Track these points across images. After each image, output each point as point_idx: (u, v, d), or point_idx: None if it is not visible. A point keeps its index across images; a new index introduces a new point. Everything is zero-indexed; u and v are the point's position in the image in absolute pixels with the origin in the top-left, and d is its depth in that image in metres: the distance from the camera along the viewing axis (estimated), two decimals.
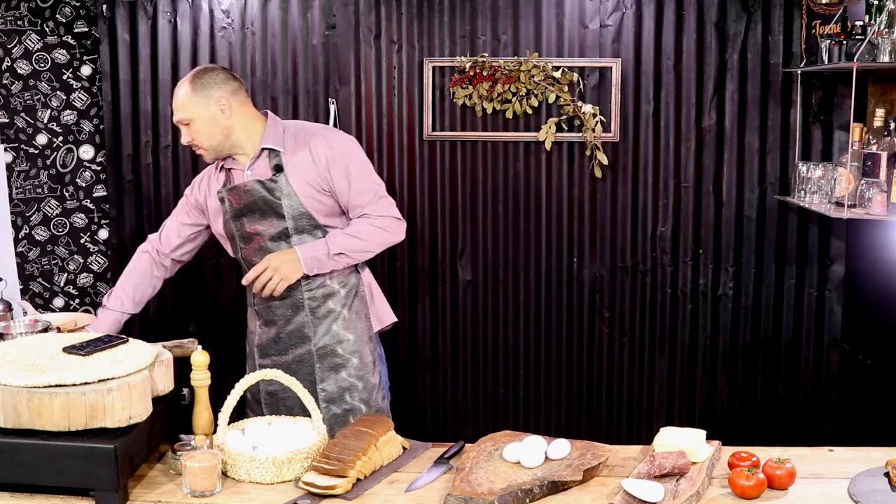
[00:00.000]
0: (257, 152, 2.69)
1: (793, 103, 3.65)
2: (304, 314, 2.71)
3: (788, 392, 3.85)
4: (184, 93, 2.63)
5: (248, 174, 2.71)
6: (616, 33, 3.67)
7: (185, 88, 2.64)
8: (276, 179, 2.65)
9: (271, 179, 2.65)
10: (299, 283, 2.68)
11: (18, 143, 3.80)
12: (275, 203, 2.66)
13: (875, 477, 1.91)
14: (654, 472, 1.88)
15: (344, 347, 2.73)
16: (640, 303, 3.84)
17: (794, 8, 3.59)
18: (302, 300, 2.71)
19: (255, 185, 2.66)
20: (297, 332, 2.73)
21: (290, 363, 2.73)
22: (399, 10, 3.70)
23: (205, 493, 1.86)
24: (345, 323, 2.73)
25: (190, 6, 3.72)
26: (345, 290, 2.74)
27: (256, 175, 2.70)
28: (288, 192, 2.65)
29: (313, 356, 2.73)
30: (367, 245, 2.69)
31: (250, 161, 2.71)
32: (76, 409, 1.77)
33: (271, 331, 2.76)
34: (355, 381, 2.73)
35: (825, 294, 3.78)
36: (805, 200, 3.33)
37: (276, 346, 2.76)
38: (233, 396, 2.02)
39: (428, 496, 1.89)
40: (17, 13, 3.74)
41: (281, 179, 2.65)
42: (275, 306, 2.73)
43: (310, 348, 2.73)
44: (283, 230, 2.67)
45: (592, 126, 3.65)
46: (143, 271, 2.92)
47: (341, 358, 2.73)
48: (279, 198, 2.65)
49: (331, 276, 2.71)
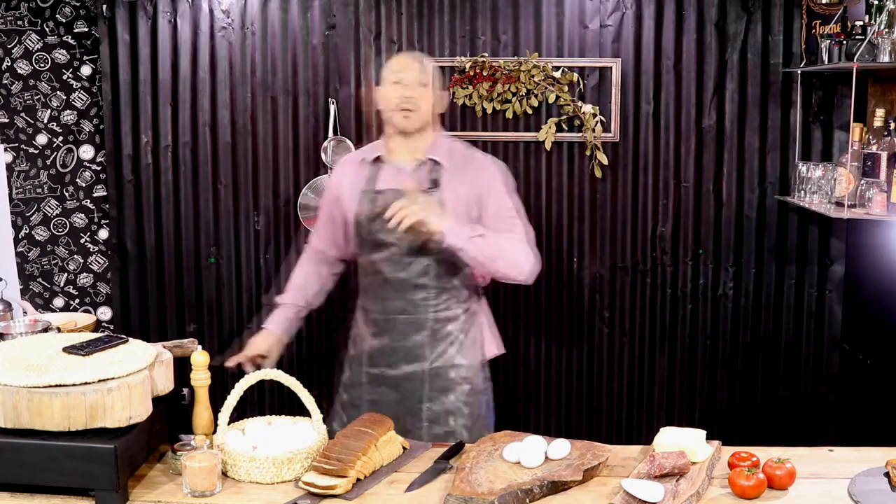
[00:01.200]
0: (423, 160, 2.57)
1: (793, 103, 3.65)
2: (424, 334, 2.59)
3: (788, 392, 3.85)
4: (426, 63, 2.58)
5: (404, 179, 2.55)
6: (616, 33, 3.67)
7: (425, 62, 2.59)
8: (431, 193, 2.51)
9: (426, 192, 2.51)
10: (427, 303, 2.57)
11: (18, 143, 3.81)
12: None
13: (875, 477, 1.91)
14: (654, 472, 1.88)
15: (457, 372, 2.61)
16: (640, 303, 3.84)
17: (794, 8, 3.59)
18: (426, 320, 2.58)
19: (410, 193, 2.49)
20: (413, 351, 2.60)
21: (399, 378, 2.61)
22: (399, 10, 3.70)
23: (205, 493, 1.86)
24: (460, 348, 2.62)
25: (190, 6, 3.72)
26: (465, 315, 2.64)
27: (410, 183, 2.52)
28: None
29: (425, 375, 2.60)
30: (505, 251, 2.50)
31: (413, 166, 2.57)
32: (76, 409, 1.77)
33: (385, 341, 2.62)
34: (462, 405, 2.62)
35: (825, 294, 3.78)
36: (805, 200, 3.33)
37: (388, 359, 2.62)
38: (233, 396, 2.02)
39: (428, 496, 1.89)
40: (17, 13, 3.74)
41: (435, 195, 2.51)
42: (396, 320, 2.60)
43: (423, 367, 2.60)
44: (423, 244, 2.50)
45: (592, 126, 3.65)
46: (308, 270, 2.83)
47: (452, 382, 2.61)
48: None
49: (457, 300, 2.61)
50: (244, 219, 3.85)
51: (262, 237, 3.86)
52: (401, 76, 2.54)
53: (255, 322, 3.91)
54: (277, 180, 3.82)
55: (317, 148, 3.78)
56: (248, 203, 3.84)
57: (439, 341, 2.60)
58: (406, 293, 2.57)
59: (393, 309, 2.59)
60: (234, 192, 3.84)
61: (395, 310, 2.59)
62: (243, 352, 2.68)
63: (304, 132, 3.79)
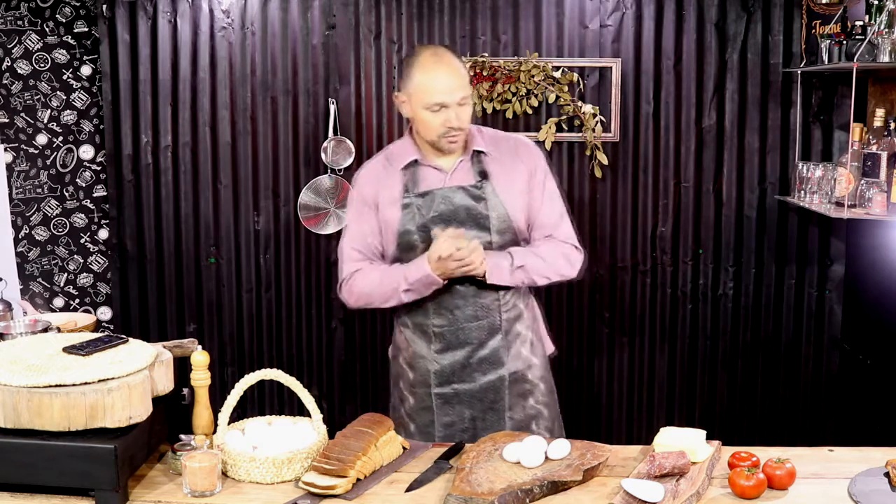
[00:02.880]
0: (467, 155, 2.42)
1: (793, 103, 3.65)
2: (500, 337, 2.44)
3: (788, 392, 3.85)
4: (459, 65, 2.35)
5: (449, 178, 2.41)
6: (616, 33, 3.67)
7: (456, 60, 2.35)
8: (481, 186, 2.39)
9: (476, 186, 2.39)
10: (498, 303, 2.43)
11: (18, 143, 3.80)
12: (480, 213, 2.38)
13: (875, 477, 1.91)
14: (654, 472, 1.88)
15: (532, 373, 2.50)
16: (640, 303, 3.84)
17: (794, 8, 3.60)
18: (499, 322, 2.44)
19: (457, 192, 2.38)
20: (491, 357, 2.45)
21: (475, 391, 2.45)
22: (399, 10, 3.70)
23: (205, 493, 1.86)
24: (531, 347, 2.51)
25: (190, 6, 3.72)
26: (528, 312, 2.52)
27: (456, 181, 2.40)
28: (495, 203, 2.38)
29: (505, 382, 2.45)
30: (547, 270, 2.42)
31: (455, 164, 2.41)
32: (76, 409, 1.77)
33: (458, 356, 2.44)
34: (542, 408, 2.51)
35: (825, 294, 3.78)
36: (805, 200, 3.33)
37: (463, 373, 2.45)
38: (233, 396, 2.02)
39: (428, 496, 1.89)
40: (17, 13, 3.74)
41: (486, 187, 2.39)
42: (470, 328, 2.43)
43: (502, 374, 2.45)
44: (486, 244, 2.37)
45: (592, 126, 3.65)
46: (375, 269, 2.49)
47: (530, 384, 2.49)
48: (486, 207, 2.38)
49: (517, 296, 2.47)
50: (244, 219, 3.85)
51: (262, 237, 3.86)
52: (444, 99, 2.31)
53: (255, 322, 3.92)
54: (277, 180, 3.82)
55: (317, 148, 3.78)
56: (248, 203, 3.84)
57: (513, 343, 2.47)
58: (477, 297, 2.41)
59: (463, 317, 2.42)
60: (234, 192, 3.84)
61: (466, 317, 2.42)
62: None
63: (304, 132, 3.79)
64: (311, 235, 3.84)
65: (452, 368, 2.45)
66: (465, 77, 2.35)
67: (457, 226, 2.35)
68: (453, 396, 2.46)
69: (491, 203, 2.38)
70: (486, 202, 2.38)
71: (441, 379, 2.46)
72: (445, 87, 2.30)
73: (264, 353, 3.92)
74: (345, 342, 3.91)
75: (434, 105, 2.31)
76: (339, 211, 3.80)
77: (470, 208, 2.37)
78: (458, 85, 2.31)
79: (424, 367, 2.47)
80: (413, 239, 2.39)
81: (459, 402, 2.46)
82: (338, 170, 3.78)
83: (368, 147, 3.77)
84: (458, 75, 2.33)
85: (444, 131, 2.34)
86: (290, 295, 3.89)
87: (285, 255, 3.87)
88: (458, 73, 2.33)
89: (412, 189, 2.41)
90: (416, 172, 2.43)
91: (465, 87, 2.33)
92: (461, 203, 2.38)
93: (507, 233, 2.40)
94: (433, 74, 2.31)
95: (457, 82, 2.31)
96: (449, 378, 2.46)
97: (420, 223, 2.38)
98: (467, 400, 2.46)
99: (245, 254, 3.88)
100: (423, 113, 2.34)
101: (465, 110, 2.34)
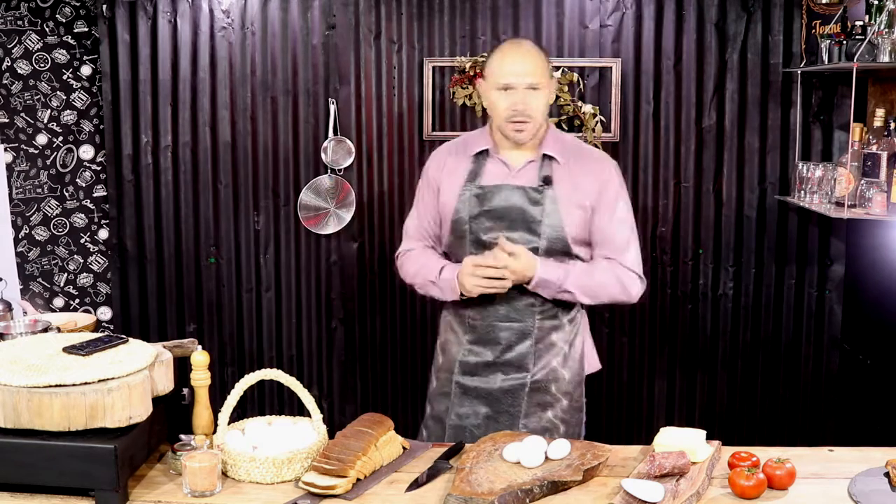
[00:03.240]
0: (537, 156, 2.40)
1: (793, 103, 3.65)
2: (529, 343, 2.42)
3: (788, 392, 3.85)
4: (537, 55, 2.35)
5: (513, 176, 2.41)
6: (616, 33, 3.67)
7: (535, 50, 2.36)
8: (542, 191, 2.36)
9: (536, 189, 2.36)
10: (533, 309, 2.41)
11: (18, 143, 3.81)
12: (533, 217, 2.36)
13: (875, 477, 1.91)
14: (654, 472, 1.88)
15: (558, 386, 2.45)
16: (639, 303, 3.82)
17: (794, 8, 3.60)
18: (532, 328, 2.42)
19: (516, 191, 2.37)
20: (517, 361, 2.43)
21: (494, 390, 2.44)
22: (399, 10, 3.70)
23: (205, 493, 1.86)
24: (564, 360, 2.46)
25: (190, 6, 3.72)
26: (570, 325, 2.47)
27: (519, 180, 2.39)
28: (551, 210, 2.35)
29: (525, 388, 2.43)
30: (598, 294, 2.40)
31: (523, 163, 2.40)
32: (76, 409, 1.77)
33: (486, 353, 2.45)
34: (559, 423, 2.46)
35: (825, 294, 3.78)
36: (805, 200, 3.33)
37: (486, 369, 2.45)
38: (233, 396, 2.02)
39: (428, 496, 1.89)
40: (17, 13, 3.74)
41: (547, 193, 2.36)
42: (500, 328, 2.42)
43: (524, 380, 2.43)
44: (534, 249, 2.36)
45: (592, 126, 3.65)
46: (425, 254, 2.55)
47: (552, 396, 2.45)
48: (541, 213, 2.35)
49: (563, 308, 2.44)
50: (244, 219, 3.85)
51: (262, 237, 3.86)
52: (511, 80, 2.31)
53: (255, 322, 3.92)
54: (277, 180, 3.82)
55: (317, 148, 3.78)
56: (248, 203, 3.84)
57: (543, 351, 2.44)
58: (511, 299, 2.40)
59: (496, 315, 2.42)
60: (234, 192, 3.84)
61: (499, 316, 2.42)
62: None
63: (304, 132, 3.79)
64: (311, 235, 3.84)
65: (477, 362, 2.45)
66: (542, 67, 2.35)
67: (508, 224, 2.36)
68: (472, 390, 2.46)
69: (547, 210, 2.35)
70: (543, 208, 2.35)
71: (465, 369, 2.47)
72: (514, 70, 2.31)
73: (264, 353, 3.93)
74: (345, 342, 3.91)
75: (502, 85, 2.33)
76: (339, 211, 3.80)
77: (525, 210, 2.36)
78: (528, 70, 2.31)
79: (452, 353, 2.49)
80: (463, 228, 2.40)
81: (477, 396, 2.46)
82: (338, 170, 3.78)
83: (368, 147, 3.77)
84: (532, 62, 2.33)
85: (510, 115, 2.33)
86: (290, 295, 3.90)
87: (285, 255, 3.87)
88: (532, 60, 2.33)
89: (476, 179, 2.42)
90: (484, 163, 2.43)
91: (537, 74, 2.32)
92: (517, 203, 2.36)
93: (558, 242, 2.37)
94: (506, 56, 2.35)
95: (528, 67, 2.32)
96: (472, 370, 2.46)
97: (473, 214, 2.39)
98: (485, 396, 2.45)
99: (245, 254, 3.88)
100: (493, 94, 2.36)
101: (534, 97, 2.32)
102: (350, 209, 3.80)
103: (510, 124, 2.35)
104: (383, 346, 3.91)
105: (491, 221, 2.37)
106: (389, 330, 3.91)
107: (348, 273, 3.87)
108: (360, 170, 3.80)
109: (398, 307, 3.87)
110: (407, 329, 3.88)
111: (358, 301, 3.88)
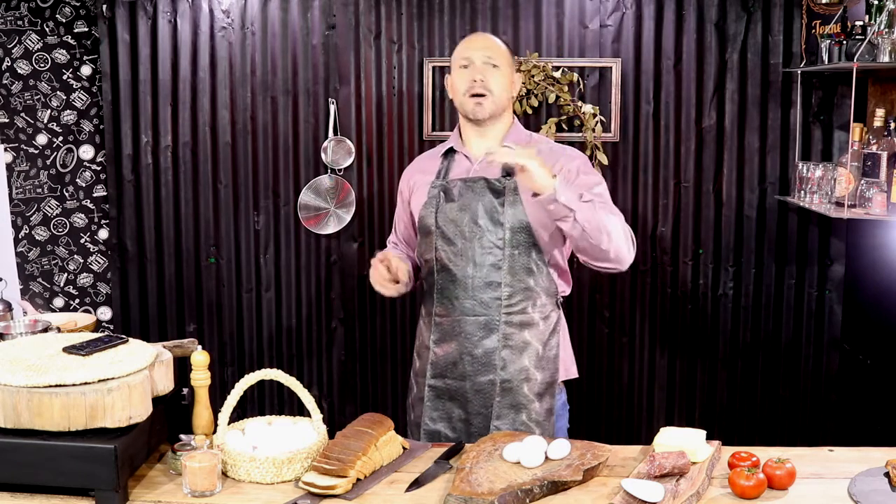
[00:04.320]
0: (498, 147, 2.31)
1: (793, 103, 3.65)
2: (496, 339, 2.36)
3: (788, 392, 3.85)
4: (497, 41, 2.43)
5: (476, 168, 2.42)
6: (616, 33, 3.67)
7: (496, 39, 2.44)
8: (504, 182, 2.35)
9: (498, 180, 2.35)
10: (499, 303, 2.35)
11: (18, 143, 3.81)
12: (496, 208, 2.35)
13: (875, 477, 1.91)
14: (654, 472, 1.88)
15: (530, 387, 2.38)
16: (640, 303, 3.84)
17: (794, 8, 3.60)
18: (497, 323, 2.36)
19: (478, 183, 2.37)
20: (484, 359, 2.37)
21: (466, 391, 2.39)
22: (399, 10, 3.70)
23: (205, 493, 1.86)
24: (538, 361, 2.39)
25: (190, 6, 3.72)
26: (544, 324, 2.41)
27: (483, 172, 2.39)
28: (513, 201, 2.34)
29: (496, 388, 2.37)
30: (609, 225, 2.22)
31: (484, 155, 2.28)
32: (76, 409, 1.77)
33: (452, 349, 2.40)
34: (533, 426, 2.38)
35: (825, 294, 3.78)
36: (805, 200, 3.33)
37: (455, 370, 2.40)
38: (233, 396, 2.02)
39: (428, 496, 1.89)
40: (17, 13, 3.74)
41: (510, 184, 2.34)
42: (465, 321, 2.37)
43: (493, 378, 2.37)
44: (498, 241, 2.34)
45: (592, 126, 3.65)
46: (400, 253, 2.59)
47: (525, 398, 2.38)
48: (503, 203, 2.34)
49: (533, 304, 2.37)
50: (244, 219, 3.85)
51: (262, 237, 3.87)
52: (469, 57, 2.38)
53: (255, 322, 3.92)
54: (277, 180, 3.82)
55: (317, 148, 3.78)
56: (248, 203, 3.84)
57: (513, 350, 2.37)
58: (476, 292, 2.36)
59: (461, 309, 2.37)
60: (234, 192, 3.84)
61: (464, 310, 2.37)
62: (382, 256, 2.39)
63: (304, 132, 3.79)
64: (311, 235, 3.84)
65: (446, 362, 2.41)
66: (502, 51, 2.41)
67: (472, 216, 2.36)
68: (444, 392, 2.43)
69: (510, 200, 2.34)
70: (505, 198, 2.35)
71: (435, 371, 2.44)
72: (472, 46, 2.41)
73: (264, 353, 3.93)
74: (345, 342, 3.91)
75: (461, 61, 2.41)
76: (339, 211, 3.80)
77: (487, 201, 2.36)
78: (486, 45, 2.40)
79: (426, 356, 2.47)
80: (429, 223, 2.41)
81: (450, 398, 2.43)
82: (338, 170, 3.78)
83: (368, 147, 3.77)
84: (491, 43, 2.42)
85: (468, 87, 2.37)
86: (290, 295, 3.90)
87: (285, 255, 3.87)
88: (491, 41, 2.42)
89: (442, 176, 2.46)
90: (452, 160, 2.49)
91: (494, 51, 2.39)
92: (480, 194, 2.37)
93: (522, 233, 2.34)
94: (465, 41, 2.46)
95: (486, 44, 2.40)
96: (443, 371, 2.43)
97: (436, 208, 2.41)
98: (458, 398, 2.42)
99: (245, 254, 3.88)
100: (455, 76, 2.44)
101: (493, 73, 2.37)
102: (350, 209, 3.80)
103: (469, 99, 2.38)
104: (383, 346, 3.91)
105: (455, 213, 2.37)
106: (389, 330, 3.91)
107: (348, 273, 3.87)
108: (360, 170, 3.80)
109: (398, 307, 3.87)
110: (407, 329, 3.88)
111: (358, 301, 3.88)
